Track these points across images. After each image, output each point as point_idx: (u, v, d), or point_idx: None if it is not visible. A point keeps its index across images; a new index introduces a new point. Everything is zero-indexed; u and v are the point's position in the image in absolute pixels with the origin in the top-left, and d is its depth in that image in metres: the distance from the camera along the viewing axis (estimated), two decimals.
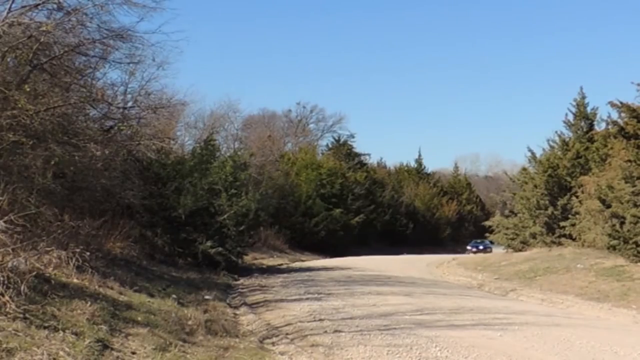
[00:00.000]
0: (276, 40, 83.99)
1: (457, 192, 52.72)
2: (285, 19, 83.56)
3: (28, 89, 10.46)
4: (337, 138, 46.98)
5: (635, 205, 16.99)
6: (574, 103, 26.51)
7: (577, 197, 23.14)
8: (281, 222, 32.12)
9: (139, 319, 8.12)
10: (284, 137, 50.22)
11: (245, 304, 13.02)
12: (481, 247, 43.72)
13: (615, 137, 20.41)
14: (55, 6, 10.68)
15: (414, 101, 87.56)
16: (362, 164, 45.47)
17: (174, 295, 11.02)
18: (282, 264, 25.97)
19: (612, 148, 21.58)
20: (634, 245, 16.95)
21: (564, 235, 23.78)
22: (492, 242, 41.89)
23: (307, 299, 13.19)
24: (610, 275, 16.51)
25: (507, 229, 27.53)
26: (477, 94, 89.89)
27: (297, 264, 26.86)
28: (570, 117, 26.48)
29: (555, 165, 25.03)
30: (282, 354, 7.90)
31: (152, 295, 10.43)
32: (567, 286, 16.49)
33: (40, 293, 7.19)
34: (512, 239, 26.72)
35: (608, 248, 18.53)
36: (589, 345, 8.65)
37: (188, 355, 6.98)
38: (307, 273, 20.73)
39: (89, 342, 6.06)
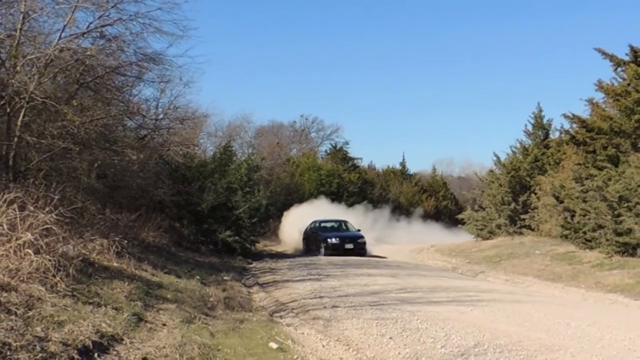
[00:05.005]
0: (283, 62, 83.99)
1: (435, 190, 52.51)
2: (293, 44, 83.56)
3: (75, 104, 10.48)
4: (334, 145, 46.92)
5: (584, 201, 16.98)
6: (533, 115, 26.45)
7: (535, 194, 23.11)
8: None
9: (169, 296, 8.12)
10: (290, 144, 50.13)
11: (257, 283, 13.01)
12: (350, 246, 21.22)
13: (567, 144, 20.40)
14: (98, 34, 10.70)
15: (398, 113, 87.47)
16: (355, 167, 45.33)
17: (197, 277, 11.01)
18: (288, 251, 25.90)
19: (564, 153, 21.57)
20: (583, 235, 16.95)
21: (524, 226, 23.75)
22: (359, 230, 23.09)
23: (309, 279, 13.16)
24: (563, 259, 16.49)
25: (477, 221, 27.47)
26: (452, 107, 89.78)
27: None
28: (530, 127, 26.44)
29: (517, 168, 25.00)
30: (288, 325, 7.90)
31: (179, 277, 10.43)
32: (527, 269, 16.47)
33: (86, 275, 7.20)
34: (481, 229, 26.66)
35: (561, 237, 18.52)
36: (546, 318, 8.64)
37: (209, 327, 6.97)
38: (310, 258, 20.67)
39: (127, 316, 6.06)
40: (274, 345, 6.41)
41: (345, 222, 24.45)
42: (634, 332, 7.73)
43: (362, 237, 22.32)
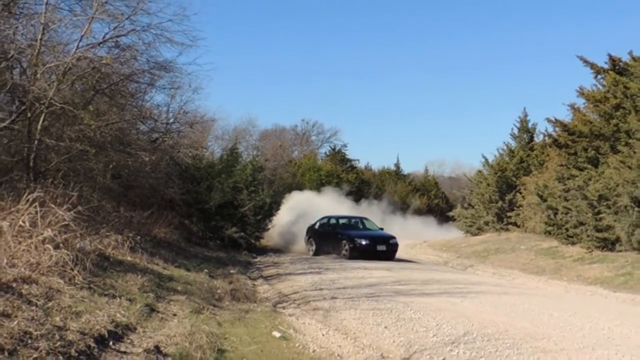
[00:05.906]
0: (286, 69, 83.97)
1: (427, 189, 52.46)
2: (294, 53, 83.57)
3: (92, 109, 10.48)
4: (333, 147, 46.94)
5: (566, 200, 17.00)
6: (519, 120, 26.47)
7: (520, 193, 23.13)
8: None
9: (179, 288, 8.12)
10: (292, 146, 50.13)
11: (261, 276, 13.00)
12: (382, 248, 16.89)
13: (550, 147, 20.40)
14: (113, 44, 10.71)
15: (393, 116, 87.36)
16: (353, 167, 45.33)
17: (206, 270, 11.01)
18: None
19: (547, 155, 21.58)
20: (565, 231, 16.96)
21: (511, 223, 23.76)
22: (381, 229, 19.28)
23: (310, 272, 13.16)
24: (547, 254, 16.51)
25: (466, 218, 27.47)
26: (444, 111, 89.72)
27: None
28: (515, 131, 26.45)
29: (503, 169, 25.02)
30: (290, 315, 7.89)
31: (189, 270, 10.42)
32: (513, 263, 16.49)
33: (102, 268, 7.20)
34: (470, 226, 26.67)
35: (545, 233, 18.54)
36: (530, 309, 8.66)
37: (217, 317, 6.98)
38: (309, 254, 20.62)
39: (140, 307, 6.07)
40: (277, 334, 6.42)
41: (364, 218, 19.89)
42: (612, 321, 7.75)
43: (393, 237, 17.65)
